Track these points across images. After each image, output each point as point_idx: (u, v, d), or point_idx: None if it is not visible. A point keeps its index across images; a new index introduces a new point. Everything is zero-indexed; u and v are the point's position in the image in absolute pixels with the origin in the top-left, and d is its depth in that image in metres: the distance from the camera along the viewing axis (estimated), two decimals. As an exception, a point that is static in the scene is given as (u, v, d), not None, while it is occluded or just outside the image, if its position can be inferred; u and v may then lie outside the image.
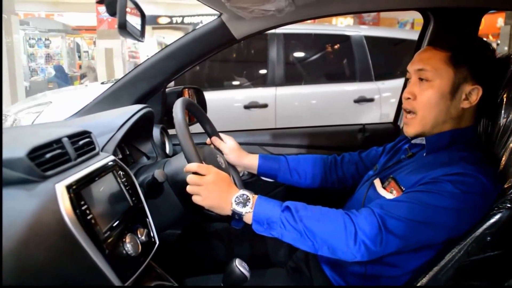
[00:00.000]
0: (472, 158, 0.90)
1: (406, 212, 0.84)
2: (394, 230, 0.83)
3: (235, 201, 0.91)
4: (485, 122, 1.04)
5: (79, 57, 12.65)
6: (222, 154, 1.23)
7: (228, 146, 1.26)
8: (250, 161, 1.29)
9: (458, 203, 0.83)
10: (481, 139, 1.05)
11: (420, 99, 0.96)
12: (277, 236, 0.89)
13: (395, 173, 1.00)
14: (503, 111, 0.94)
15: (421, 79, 0.97)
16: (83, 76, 10.07)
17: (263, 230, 0.90)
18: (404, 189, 0.93)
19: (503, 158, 0.87)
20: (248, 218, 0.91)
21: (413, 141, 1.05)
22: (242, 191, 0.93)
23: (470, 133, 0.98)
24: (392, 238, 0.83)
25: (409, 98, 0.98)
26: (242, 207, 0.91)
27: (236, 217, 0.92)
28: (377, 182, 1.03)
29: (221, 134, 1.29)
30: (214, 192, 0.92)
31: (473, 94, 0.93)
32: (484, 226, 0.79)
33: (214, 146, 1.26)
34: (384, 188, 0.98)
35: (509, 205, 0.79)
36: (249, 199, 0.91)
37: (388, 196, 0.96)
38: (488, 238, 0.78)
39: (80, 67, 11.64)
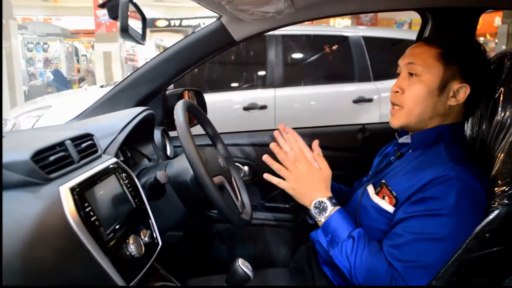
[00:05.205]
0: (459, 156, 0.90)
1: (419, 252, 0.84)
2: (418, 275, 0.84)
3: (314, 205, 0.96)
4: (481, 120, 1.04)
5: (78, 60, 12.69)
6: (224, 155, 1.23)
7: None
8: None
9: (454, 218, 0.82)
10: (477, 137, 1.05)
11: (408, 93, 0.96)
12: (331, 254, 0.92)
13: (386, 177, 1.00)
14: (499, 108, 0.93)
15: (410, 74, 0.97)
16: (81, 79, 10.10)
17: (325, 241, 0.94)
18: (395, 194, 0.92)
19: (499, 155, 0.87)
20: (320, 223, 0.96)
21: (399, 141, 1.05)
22: (323, 199, 0.96)
23: (456, 129, 0.98)
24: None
25: (397, 92, 0.98)
26: (318, 213, 0.95)
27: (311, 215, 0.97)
28: (370, 188, 1.03)
29: None
30: (300, 185, 0.97)
31: (460, 92, 0.93)
32: (483, 223, 0.80)
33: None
34: (377, 194, 0.98)
35: (506, 202, 0.79)
36: (326, 209, 0.95)
37: (381, 202, 0.96)
38: (487, 234, 0.79)
39: (78, 70, 11.68)
